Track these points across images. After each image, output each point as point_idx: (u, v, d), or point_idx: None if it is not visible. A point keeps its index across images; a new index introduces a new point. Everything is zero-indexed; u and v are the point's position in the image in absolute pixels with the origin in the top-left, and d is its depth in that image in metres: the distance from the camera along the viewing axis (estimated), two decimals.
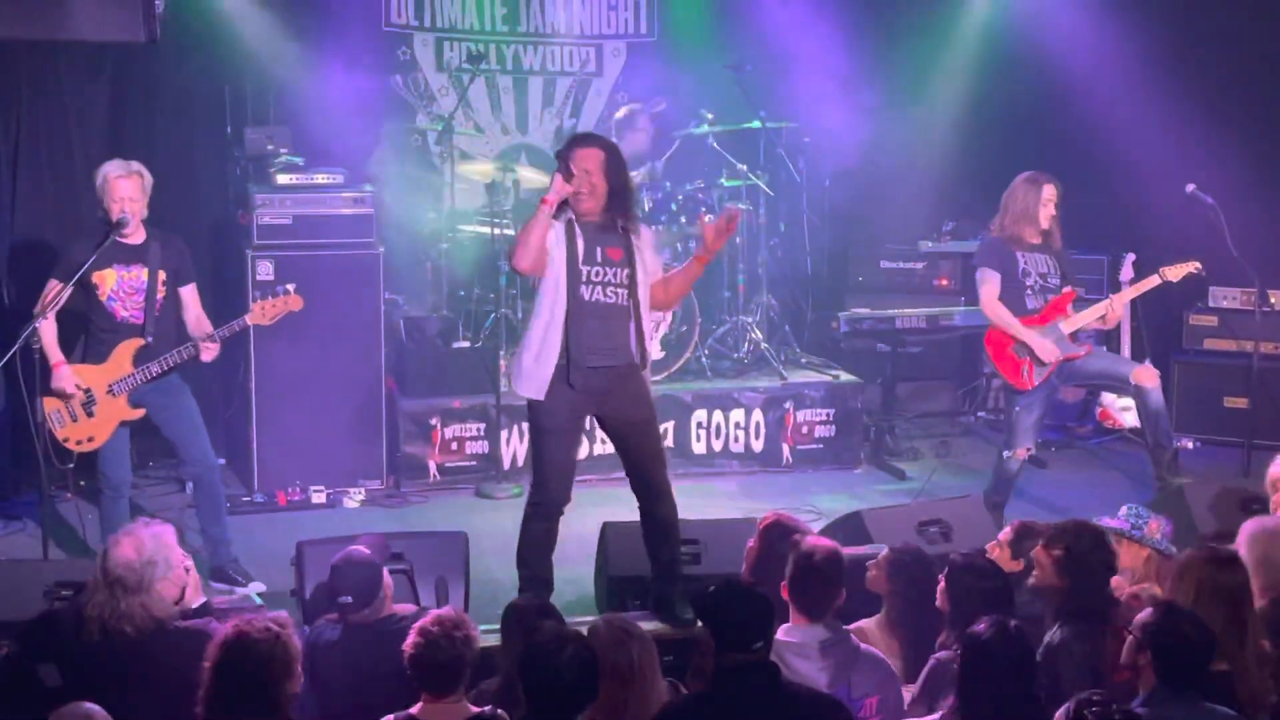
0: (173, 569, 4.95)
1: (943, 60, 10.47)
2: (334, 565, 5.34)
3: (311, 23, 9.49)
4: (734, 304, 9.70)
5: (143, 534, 4.95)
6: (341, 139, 9.20)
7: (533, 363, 5.97)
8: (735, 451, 9.17)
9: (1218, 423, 9.63)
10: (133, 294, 6.83)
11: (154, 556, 4.88)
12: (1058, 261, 7.70)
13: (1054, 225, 7.65)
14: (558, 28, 10.61)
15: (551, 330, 5.92)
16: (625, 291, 5.96)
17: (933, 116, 10.55)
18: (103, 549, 5.08)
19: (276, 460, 8.40)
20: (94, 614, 4.84)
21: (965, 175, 10.39)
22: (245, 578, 7.00)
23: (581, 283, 5.90)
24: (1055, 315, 7.61)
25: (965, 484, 8.48)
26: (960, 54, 10.43)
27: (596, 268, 5.92)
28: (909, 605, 5.35)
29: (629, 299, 5.96)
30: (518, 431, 8.70)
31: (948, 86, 10.51)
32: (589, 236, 5.93)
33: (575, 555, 6.77)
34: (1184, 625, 4.36)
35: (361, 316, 8.47)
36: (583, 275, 5.90)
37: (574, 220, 5.94)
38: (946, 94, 10.53)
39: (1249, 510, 6.33)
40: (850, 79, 10.39)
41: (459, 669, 4.45)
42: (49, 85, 8.70)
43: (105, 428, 6.82)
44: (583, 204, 5.92)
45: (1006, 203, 7.68)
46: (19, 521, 7.98)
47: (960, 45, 10.41)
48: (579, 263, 5.90)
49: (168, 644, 4.81)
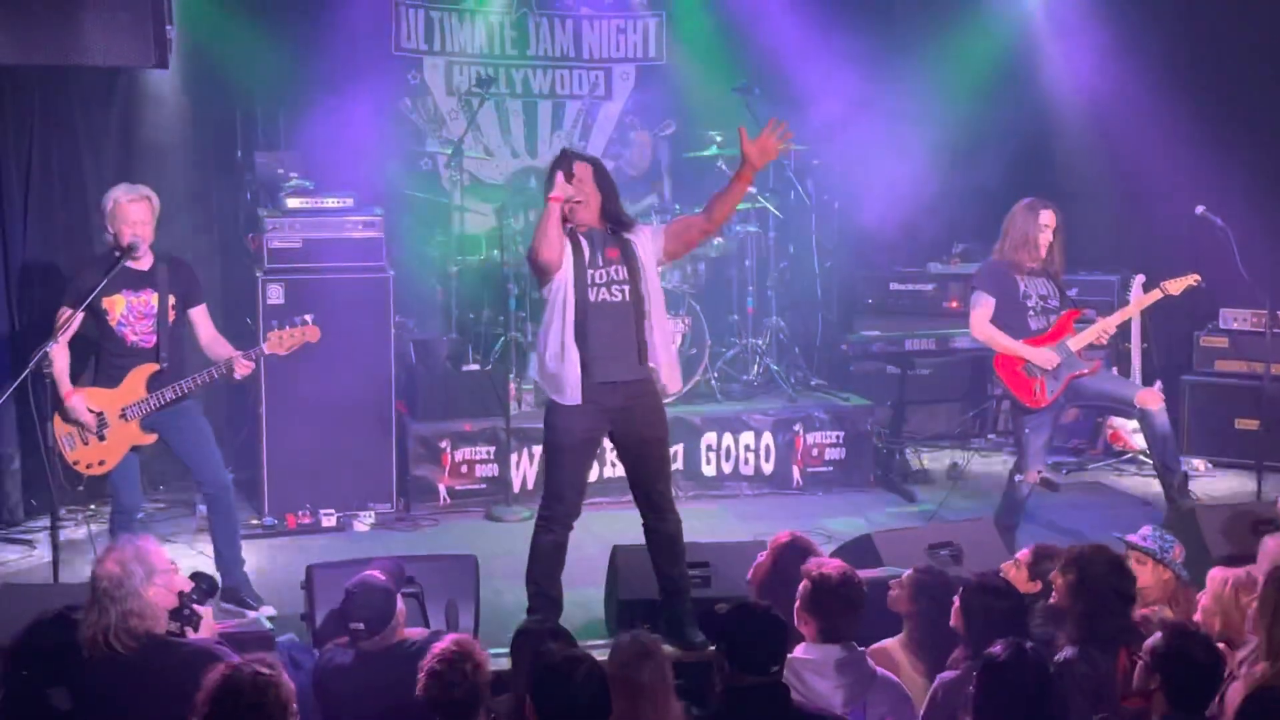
0: (157, 573, 4.89)
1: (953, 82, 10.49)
2: (348, 590, 5.32)
3: (322, 47, 9.54)
4: (743, 326, 9.71)
5: (123, 546, 4.96)
6: (351, 163, 9.23)
7: (558, 364, 6.02)
8: (745, 474, 9.16)
9: (1229, 444, 9.62)
10: (143, 319, 6.84)
11: (134, 565, 4.86)
12: (1056, 285, 7.75)
13: (1055, 250, 7.69)
14: (567, 51, 10.65)
15: (566, 333, 6.00)
16: (628, 288, 6.04)
17: (942, 138, 10.56)
18: (91, 570, 5.08)
19: (286, 483, 8.39)
20: (87, 633, 4.84)
21: (975, 197, 10.40)
22: (257, 601, 6.99)
23: (589, 285, 6.01)
24: (1063, 334, 7.64)
25: (975, 506, 8.46)
26: (970, 76, 10.44)
27: (600, 270, 6.04)
28: (931, 626, 5.33)
29: (631, 294, 6.05)
30: (527, 454, 8.71)
31: (957, 109, 10.53)
32: (592, 242, 6.07)
33: (585, 578, 6.76)
34: (1195, 649, 4.34)
35: (371, 340, 8.48)
36: (589, 279, 6.02)
37: (575, 229, 6.06)
38: (956, 116, 10.54)
39: (1261, 532, 6.31)
40: (859, 101, 10.40)
41: (474, 701, 4.45)
42: (61, 111, 8.73)
43: (117, 452, 6.82)
44: (579, 214, 6.05)
45: (1006, 228, 7.75)
46: (30, 545, 7.99)
47: (971, 68, 10.42)
48: (586, 267, 6.02)
49: (167, 661, 4.80)
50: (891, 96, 10.49)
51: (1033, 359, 7.56)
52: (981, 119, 10.43)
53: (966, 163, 10.40)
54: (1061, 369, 7.57)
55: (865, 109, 10.46)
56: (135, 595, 4.81)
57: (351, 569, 5.71)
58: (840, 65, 10.20)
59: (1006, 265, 7.69)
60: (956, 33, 10.45)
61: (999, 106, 10.40)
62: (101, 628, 4.79)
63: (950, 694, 4.80)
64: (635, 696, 4.42)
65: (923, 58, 10.41)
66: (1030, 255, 7.63)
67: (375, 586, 5.31)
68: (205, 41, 8.81)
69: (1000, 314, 7.65)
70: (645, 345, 6.05)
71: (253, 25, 9.30)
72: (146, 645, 4.80)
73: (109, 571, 4.85)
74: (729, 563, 6.44)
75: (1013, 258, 7.67)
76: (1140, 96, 9.99)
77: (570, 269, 5.99)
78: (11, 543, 8.07)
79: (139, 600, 4.81)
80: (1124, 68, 10.06)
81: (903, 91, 10.49)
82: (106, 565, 4.87)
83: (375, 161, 9.77)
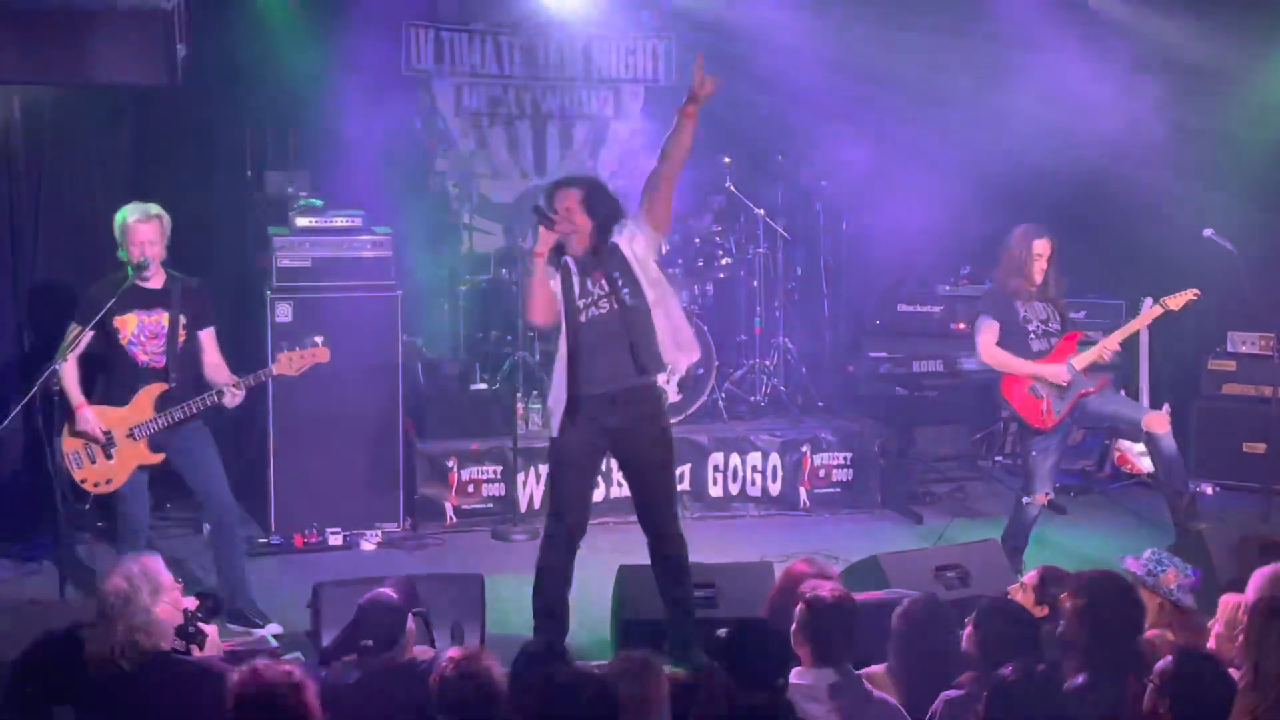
0: (163, 591, 4.91)
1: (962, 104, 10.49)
2: (359, 606, 5.31)
3: (332, 67, 9.55)
4: (751, 347, 9.72)
5: (129, 564, 4.97)
6: (361, 182, 9.25)
7: (552, 402, 6.20)
8: (752, 495, 9.15)
9: (1237, 468, 9.60)
10: (153, 338, 6.85)
11: (140, 581, 4.87)
12: (1056, 308, 7.79)
13: (1051, 277, 7.73)
14: (576, 72, 10.67)
15: (559, 369, 6.14)
16: (612, 299, 6.08)
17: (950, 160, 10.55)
18: (98, 587, 5.09)
19: (293, 502, 8.40)
20: (94, 649, 4.84)
21: (982, 219, 10.38)
22: (262, 619, 6.99)
23: (580, 313, 6.09)
24: (1066, 354, 7.66)
25: (982, 528, 8.45)
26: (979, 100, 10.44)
27: (588, 295, 6.10)
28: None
29: (617, 302, 6.08)
30: (534, 474, 8.71)
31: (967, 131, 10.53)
32: (582, 270, 6.12)
33: (590, 598, 6.76)
34: (1204, 672, 4.33)
35: (379, 359, 8.49)
36: (580, 308, 6.09)
37: (569, 260, 6.13)
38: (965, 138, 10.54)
39: (1269, 556, 6.29)
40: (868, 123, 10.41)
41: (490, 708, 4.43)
42: (72, 129, 8.76)
43: (124, 470, 6.83)
44: (572, 244, 6.11)
45: (1001, 255, 7.81)
46: (36, 563, 7.98)
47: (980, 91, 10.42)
48: (576, 298, 6.10)
49: (173, 678, 4.80)
50: (900, 119, 10.49)
51: (1044, 375, 7.58)
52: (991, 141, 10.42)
53: (974, 185, 10.38)
54: (1068, 388, 7.58)
55: (873, 131, 10.47)
56: (143, 611, 4.82)
57: (359, 588, 5.71)
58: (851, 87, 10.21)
59: (1005, 291, 7.75)
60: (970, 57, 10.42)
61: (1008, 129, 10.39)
62: (109, 644, 4.79)
63: (953, 712, 4.78)
64: (628, 710, 4.40)
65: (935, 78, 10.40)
66: (1024, 282, 7.70)
67: (386, 604, 5.29)
68: (215, 61, 8.84)
69: (1003, 338, 7.70)
70: (640, 348, 6.07)
71: (263, 45, 9.33)
72: (152, 662, 4.80)
73: (117, 588, 4.85)
74: (735, 584, 6.44)
75: (1005, 285, 7.74)
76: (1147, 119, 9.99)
77: (563, 305, 6.09)
78: (18, 560, 8.07)
79: (146, 617, 4.82)
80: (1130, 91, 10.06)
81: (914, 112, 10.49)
82: (114, 582, 4.88)
83: (384, 181, 9.79)
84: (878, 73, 10.27)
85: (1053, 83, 10.12)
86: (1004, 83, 10.32)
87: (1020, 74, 10.25)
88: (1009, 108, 10.25)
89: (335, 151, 9.34)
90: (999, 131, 10.35)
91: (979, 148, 10.40)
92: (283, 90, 9.33)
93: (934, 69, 10.28)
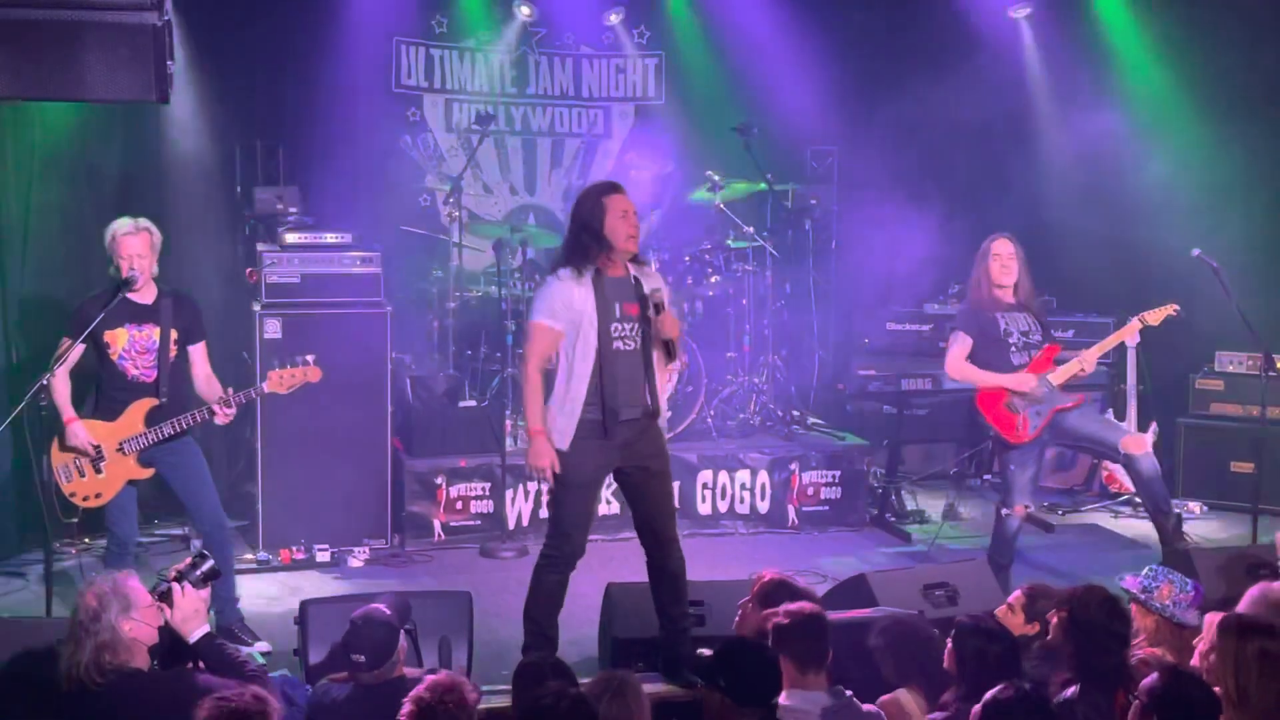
0: (135, 607, 4.89)
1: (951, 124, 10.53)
2: (352, 621, 5.30)
3: (322, 84, 9.58)
4: (740, 365, 9.72)
5: (102, 581, 4.96)
6: (351, 199, 9.27)
7: (558, 414, 6.08)
8: (741, 512, 9.16)
9: (1224, 487, 9.62)
10: (144, 353, 6.84)
11: (111, 598, 4.85)
12: (1038, 320, 7.79)
13: (1021, 279, 7.74)
14: (566, 90, 10.71)
15: (575, 382, 6.03)
16: (641, 337, 6.10)
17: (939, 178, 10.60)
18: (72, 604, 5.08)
19: (281, 518, 8.38)
20: (64, 667, 4.83)
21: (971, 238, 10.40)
22: (251, 637, 6.97)
23: (611, 339, 6.05)
24: (1043, 369, 7.65)
25: (971, 547, 8.46)
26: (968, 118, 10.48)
27: (616, 323, 6.07)
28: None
29: (642, 343, 6.11)
30: (523, 491, 8.71)
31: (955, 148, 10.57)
32: (613, 293, 6.08)
33: (579, 616, 6.74)
34: (1189, 690, 4.33)
35: (368, 375, 8.47)
36: (611, 331, 6.05)
37: (600, 274, 6.06)
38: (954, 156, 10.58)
39: (1257, 575, 6.30)
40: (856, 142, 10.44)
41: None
42: (61, 144, 8.76)
43: (113, 485, 6.81)
44: (614, 261, 6.09)
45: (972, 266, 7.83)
46: (22, 579, 7.97)
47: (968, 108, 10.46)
48: (609, 320, 6.05)
49: (139, 695, 4.78)
50: (888, 138, 10.53)
51: (1008, 385, 7.59)
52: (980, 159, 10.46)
53: (963, 204, 10.43)
54: (1044, 402, 7.59)
55: (863, 149, 10.50)
56: (108, 629, 4.81)
57: (346, 605, 5.69)
58: (839, 105, 10.24)
59: (982, 303, 7.76)
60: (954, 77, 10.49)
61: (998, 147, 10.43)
62: (75, 661, 4.79)
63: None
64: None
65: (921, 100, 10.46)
66: (989, 287, 7.71)
67: (379, 620, 5.29)
68: (206, 77, 8.85)
69: (983, 352, 7.70)
70: (648, 385, 6.12)
71: (253, 61, 9.34)
72: (118, 680, 4.79)
73: (86, 605, 4.86)
74: (724, 602, 6.42)
75: (976, 295, 7.77)
76: (1137, 137, 10.04)
77: (594, 320, 6.01)
78: (4, 575, 8.05)
79: (112, 634, 4.81)
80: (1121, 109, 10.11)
81: (901, 131, 10.53)
82: (85, 599, 4.89)
83: (374, 197, 9.81)
84: (872, 97, 10.33)
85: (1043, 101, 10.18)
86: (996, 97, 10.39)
87: (1012, 92, 10.32)
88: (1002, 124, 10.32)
89: (325, 168, 9.35)
90: (991, 149, 10.41)
91: (970, 167, 10.45)
92: (273, 107, 9.33)
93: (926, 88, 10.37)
